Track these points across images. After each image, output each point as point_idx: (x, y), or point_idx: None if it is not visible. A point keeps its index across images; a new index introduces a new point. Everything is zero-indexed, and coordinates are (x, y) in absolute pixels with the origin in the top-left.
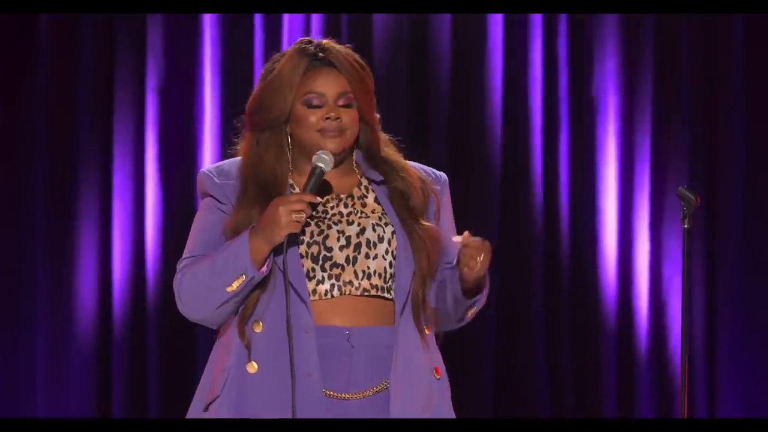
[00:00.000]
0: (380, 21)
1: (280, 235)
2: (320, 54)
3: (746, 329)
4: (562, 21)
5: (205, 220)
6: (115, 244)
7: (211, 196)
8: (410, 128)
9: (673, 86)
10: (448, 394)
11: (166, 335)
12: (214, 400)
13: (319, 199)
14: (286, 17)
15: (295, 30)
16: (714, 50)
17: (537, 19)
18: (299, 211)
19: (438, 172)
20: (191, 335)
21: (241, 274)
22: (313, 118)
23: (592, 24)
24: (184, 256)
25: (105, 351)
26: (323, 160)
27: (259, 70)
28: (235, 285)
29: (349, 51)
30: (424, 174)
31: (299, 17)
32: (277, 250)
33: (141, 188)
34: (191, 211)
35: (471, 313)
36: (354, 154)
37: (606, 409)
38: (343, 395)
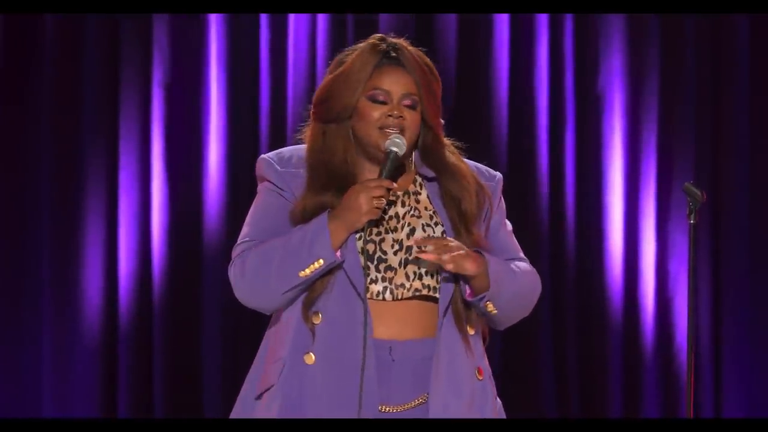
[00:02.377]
0: (386, 21)
1: (361, 222)
2: (392, 53)
3: (752, 325)
4: (568, 19)
5: (265, 205)
6: (121, 241)
7: (271, 182)
8: None
9: (679, 83)
10: (492, 393)
11: (171, 333)
12: (269, 388)
13: (395, 185)
14: (292, 17)
15: (300, 30)
16: (720, 47)
17: (543, 17)
18: (380, 197)
19: (493, 172)
20: (197, 333)
21: (318, 259)
22: (375, 113)
23: (598, 21)
24: (241, 240)
25: (111, 348)
26: (396, 144)
27: (264, 70)
28: (309, 270)
29: (421, 54)
30: (478, 174)
31: (305, 17)
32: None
33: (147, 186)
34: (197, 208)
35: (491, 308)
36: (413, 154)
37: (612, 406)
38: (384, 407)
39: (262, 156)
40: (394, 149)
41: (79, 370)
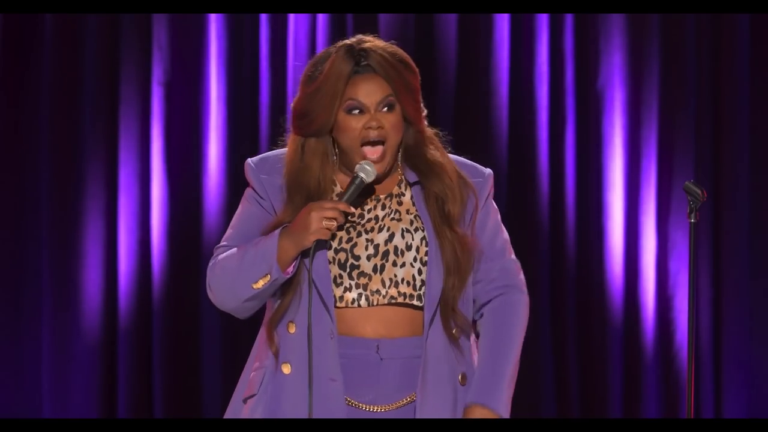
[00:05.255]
0: (386, 21)
1: (309, 240)
2: (363, 61)
3: (753, 324)
4: (568, 18)
5: (245, 211)
6: (121, 238)
7: (254, 189)
8: None
9: (680, 80)
10: None
11: (171, 330)
12: (252, 396)
13: (353, 209)
14: (292, 17)
15: (300, 29)
16: (720, 44)
17: (543, 17)
18: (331, 219)
19: (482, 168)
20: (197, 330)
21: (267, 274)
22: (355, 125)
23: (598, 19)
24: (220, 243)
25: (111, 346)
26: (366, 171)
27: (264, 68)
28: (261, 283)
29: (392, 50)
30: (465, 172)
31: (305, 17)
32: (306, 254)
33: (147, 184)
34: (197, 206)
35: None
36: (398, 155)
37: (612, 404)
38: (372, 407)
39: (247, 161)
40: (362, 175)
41: (78, 369)
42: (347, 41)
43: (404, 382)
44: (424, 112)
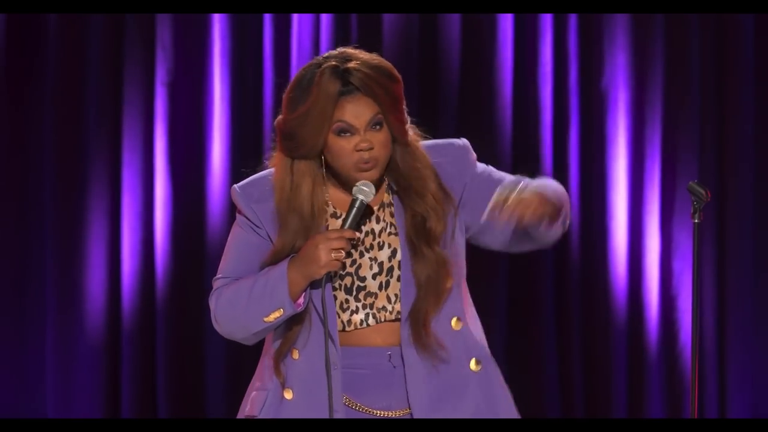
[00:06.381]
0: (390, 21)
1: (320, 274)
2: (349, 82)
3: (757, 324)
4: (572, 18)
5: (239, 240)
6: (125, 239)
7: (246, 217)
8: (420, 126)
9: (684, 80)
10: (490, 381)
11: (175, 331)
12: (253, 416)
13: (359, 234)
14: (296, 17)
15: (304, 29)
16: (724, 44)
17: (547, 17)
18: (339, 249)
19: (453, 141)
20: (200, 330)
21: (279, 308)
22: (346, 145)
23: (602, 19)
24: (218, 274)
25: (114, 346)
26: (364, 192)
27: (268, 69)
28: (272, 317)
29: (377, 63)
30: (442, 157)
31: (308, 17)
32: (314, 285)
33: (150, 183)
34: (200, 206)
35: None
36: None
37: (616, 404)
38: (387, 413)
39: (234, 187)
40: (361, 197)
41: (82, 369)
42: (330, 60)
43: None
44: (407, 122)
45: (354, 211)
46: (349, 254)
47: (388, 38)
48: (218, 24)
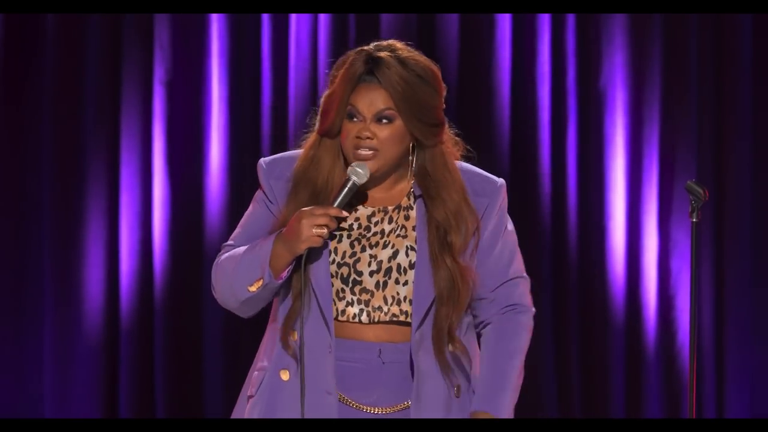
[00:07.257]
0: (388, 21)
1: (300, 248)
2: (373, 70)
3: (755, 323)
4: (570, 18)
5: (253, 212)
6: (123, 238)
7: (264, 191)
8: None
9: (682, 80)
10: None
11: (173, 329)
12: (251, 396)
13: (345, 213)
14: (294, 17)
15: (302, 29)
16: (722, 44)
17: (545, 17)
18: (322, 226)
19: (493, 179)
20: (198, 330)
21: (260, 278)
22: (350, 129)
23: (600, 18)
24: (228, 240)
25: (112, 346)
26: (357, 174)
27: (266, 68)
28: (255, 286)
29: (413, 62)
30: (476, 185)
31: (307, 17)
32: (308, 261)
33: (148, 184)
34: (198, 206)
35: None
36: (411, 163)
37: (613, 404)
38: (373, 408)
39: (260, 161)
40: (354, 178)
41: (80, 369)
42: (370, 46)
43: (405, 386)
44: (440, 129)
45: (345, 191)
46: (351, 245)
47: (386, 38)
48: (216, 24)
